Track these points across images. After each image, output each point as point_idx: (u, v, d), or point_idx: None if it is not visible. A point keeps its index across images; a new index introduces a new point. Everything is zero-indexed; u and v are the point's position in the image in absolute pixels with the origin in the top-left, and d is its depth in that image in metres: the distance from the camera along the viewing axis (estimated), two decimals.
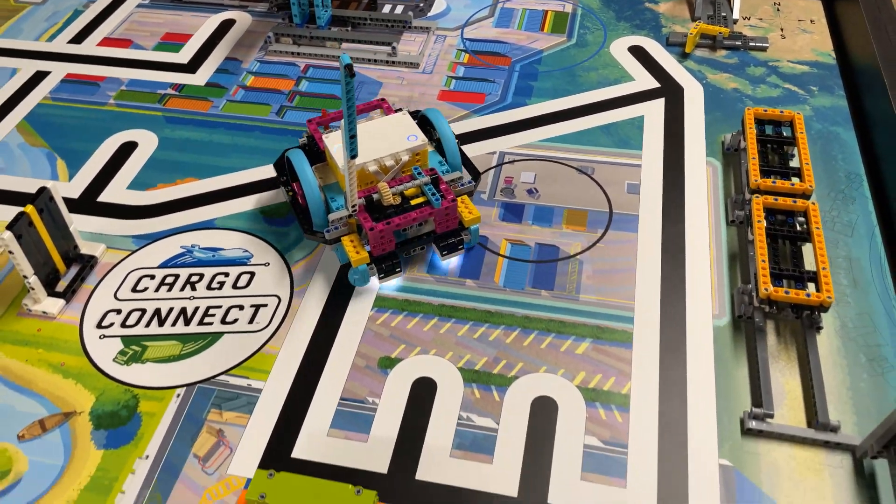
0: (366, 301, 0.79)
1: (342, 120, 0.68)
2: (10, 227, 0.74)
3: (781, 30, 1.13)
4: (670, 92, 1.03)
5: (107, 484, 0.66)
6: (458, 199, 0.81)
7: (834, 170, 0.90)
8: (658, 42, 1.12)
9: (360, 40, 1.14)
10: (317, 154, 0.85)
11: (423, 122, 0.86)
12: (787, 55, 1.08)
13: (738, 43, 1.09)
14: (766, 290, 0.70)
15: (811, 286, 0.73)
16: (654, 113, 1.00)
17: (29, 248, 0.76)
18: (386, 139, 0.81)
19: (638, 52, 1.11)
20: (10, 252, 0.74)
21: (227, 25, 1.22)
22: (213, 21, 1.23)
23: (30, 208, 0.76)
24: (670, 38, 1.11)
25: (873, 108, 0.95)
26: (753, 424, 0.66)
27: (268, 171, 0.94)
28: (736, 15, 1.14)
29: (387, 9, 1.23)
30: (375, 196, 0.77)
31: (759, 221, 0.76)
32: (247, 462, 0.66)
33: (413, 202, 0.78)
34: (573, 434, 0.67)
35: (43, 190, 0.78)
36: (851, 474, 0.63)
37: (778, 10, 1.17)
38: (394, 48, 1.11)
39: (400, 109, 0.87)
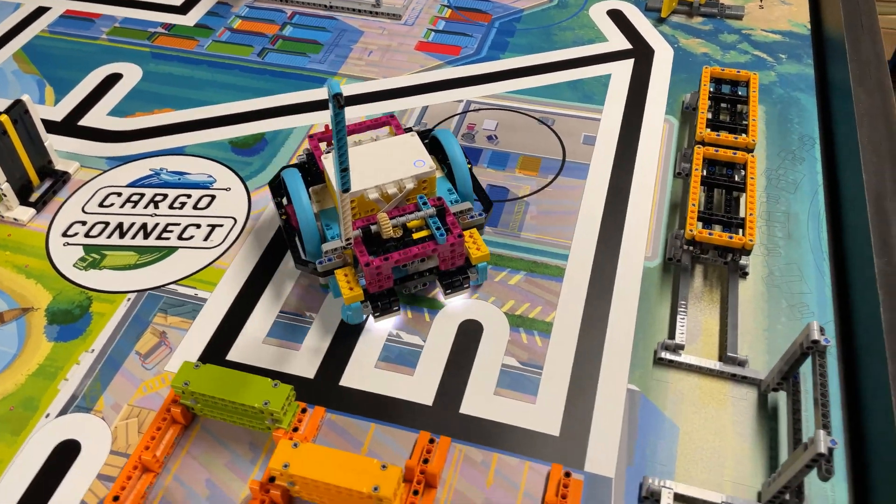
0: None
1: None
2: None
3: (761, 1, 1.14)
4: (641, 54, 1.05)
5: (52, 371, 0.70)
6: (466, 232, 0.72)
7: (788, 132, 0.92)
8: (637, 7, 1.14)
9: None
10: (316, 175, 0.77)
11: (434, 144, 0.78)
12: (762, 24, 1.09)
13: (715, 10, 1.11)
14: (692, 231, 0.73)
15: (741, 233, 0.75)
16: (621, 72, 1.02)
17: (2, 155, 0.81)
18: (391, 163, 0.72)
19: (616, 16, 1.13)
20: None
21: None
22: None
23: (3, 117, 0.80)
24: (648, 4, 1.13)
25: (834, 76, 0.97)
26: (664, 355, 0.68)
27: (240, 106, 0.98)
28: None
29: None
30: (374, 227, 0.68)
31: (696, 170, 0.79)
32: (181, 359, 0.70)
33: (415, 235, 0.69)
34: (493, 354, 0.70)
35: (18, 102, 0.82)
36: (754, 405, 0.66)
37: None
38: None
39: (410, 130, 0.80)
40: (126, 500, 0.60)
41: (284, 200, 0.77)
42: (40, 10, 1.18)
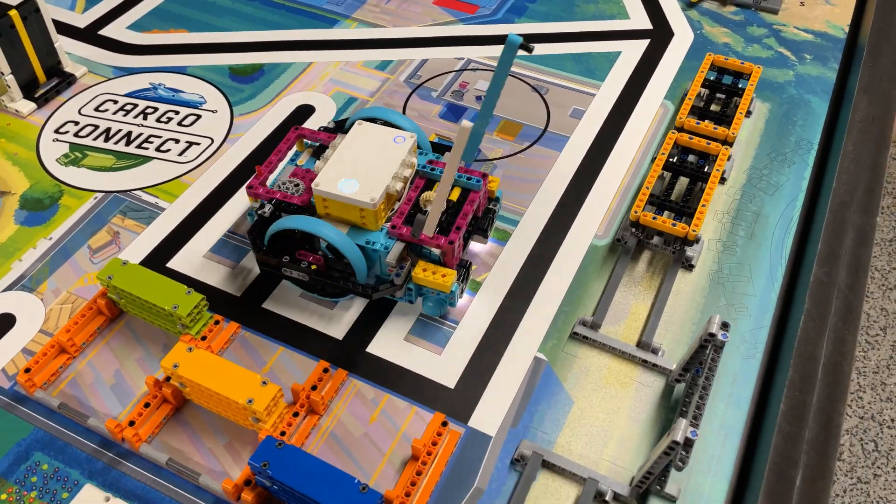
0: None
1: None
2: None
3: None
4: (659, 36, 1.02)
5: (11, 251, 0.75)
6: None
7: (787, 133, 0.87)
8: None
9: None
10: (286, 209, 0.69)
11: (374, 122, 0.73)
12: (797, 21, 1.04)
13: (750, 1, 1.06)
14: (636, 212, 0.71)
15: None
16: (632, 51, 0.99)
17: (8, 48, 0.86)
18: (378, 156, 0.67)
19: None
20: None
21: None
22: None
23: (13, 12, 0.85)
24: None
25: (850, 82, 0.91)
26: (579, 329, 0.67)
27: (249, 36, 1.01)
28: None
29: None
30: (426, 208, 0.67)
31: (662, 154, 0.76)
32: (129, 259, 0.74)
33: (451, 197, 0.68)
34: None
35: (29, 0, 0.87)
36: (657, 394, 0.64)
37: None
38: None
39: (328, 129, 0.75)
40: (36, 374, 0.64)
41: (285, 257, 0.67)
42: None
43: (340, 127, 0.76)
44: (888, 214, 2.05)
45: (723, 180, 0.81)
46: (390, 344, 0.68)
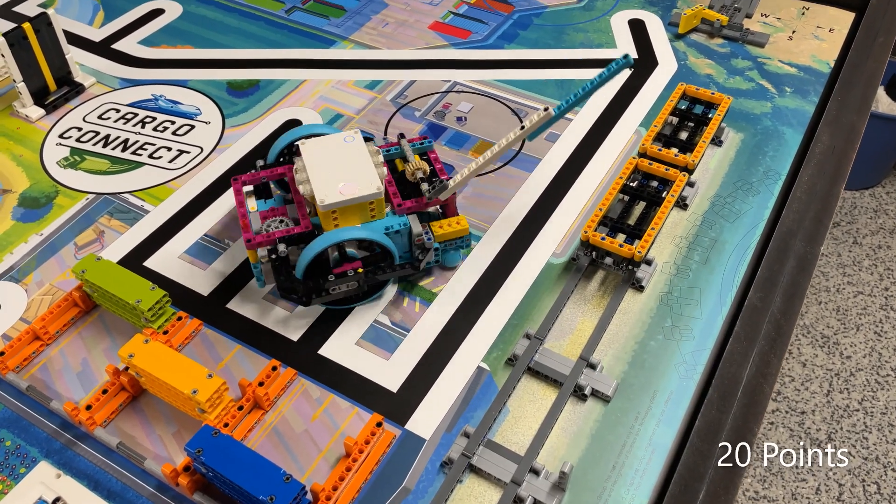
0: None
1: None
2: (4, 34, 0.90)
3: (793, 32, 1.09)
4: (643, 65, 1.04)
5: (4, 245, 0.81)
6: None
7: (756, 164, 0.89)
8: (662, 20, 1.13)
9: None
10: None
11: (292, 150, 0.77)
12: (783, 55, 1.05)
13: (738, 34, 1.07)
14: (586, 232, 0.73)
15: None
16: (614, 79, 1.01)
17: (21, 57, 0.93)
18: (347, 156, 0.71)
19: (636, 25, 1.12)
20: (0, 55, 0.90)
21: None
22: None
23: (26, 24, 0.92)
24: (672, 18, 1.11)
25: (820, 114, 0.92)
26: (522, 342, 0.70)
27: (249, 53, 1.07)
28: (752, 10, 1.12)
29: None
30: (417, 175, 0.73)
31: (620, 177, 0.78)
32: (108, 258, 0.79)
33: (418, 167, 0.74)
34: (371, 309, 0.74)
35: (42, 14, 0.94)
36: (588, 409, 0.66)
37: (803, 13, 1.13)
38: None
39: (287, 162, 0.77)
40: (10, 358, 0.69)
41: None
42: None
43: (277, 162, 0.77)
44: None
45: (685, 206, 0.83)
46: (342, 347, 0.71)
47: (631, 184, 0.81)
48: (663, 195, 0.79)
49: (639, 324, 0.73)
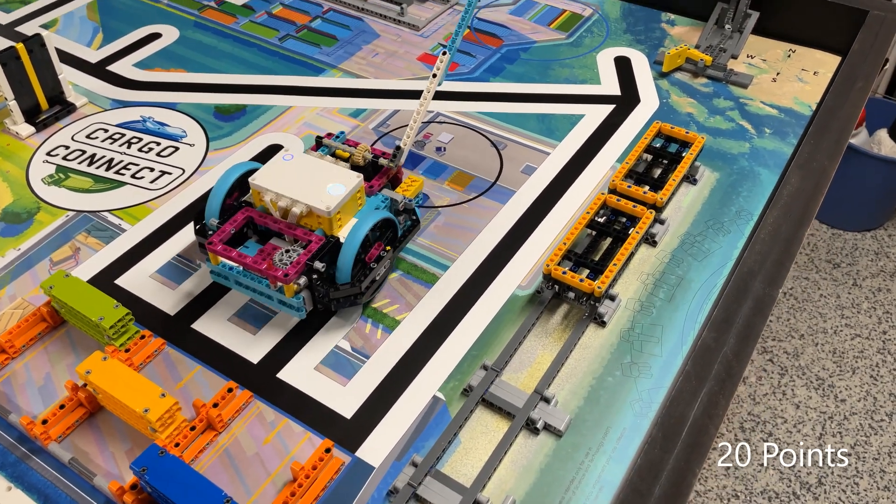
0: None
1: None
2: None
3: (778, 73, 1.10)
4: (625, 102, 1.05)
5: None
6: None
7: (729, 203, 0.89)
8: (648, 58, 1.14)
9: None
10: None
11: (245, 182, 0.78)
12: (765, 97, 1.06)
13: (721, 74, 1.08)
14: (548, 266, 0.74)
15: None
16: (595, 115, 1.03)
17: (13, 77, 0.95)
18: (309, 167, 0.76)
19: (622, 63, 1.13)
20: None
21: None
22: None
23: (19, 45, 0.95)
24: (658, 57, 1.13)
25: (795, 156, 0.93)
26: (479, 373, 0.70)
27: (239, 79, 1.09)
28: (738, 51, 1.13)
29: None
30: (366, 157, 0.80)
31: (586, 213, 0.79)
32: (81, 275, 0.80)
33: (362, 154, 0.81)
34: (334, 334, 0.75)
35: (36, 35, 0.96)
36: (539, 443, 0.66)
37: (789, 56, 1.14)
38: (402, 8, 1.22)
39: (243, 201, 0.78)
40: None
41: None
42: None
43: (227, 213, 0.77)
44: None
45: (654, 243, 0.83)
46: (300, 372, 0.72)
47: (598, 219, 0.81)
48: (629, 231, 0.79)
49: (598, 359, 0.73)
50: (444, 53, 0.81)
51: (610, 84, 1.09)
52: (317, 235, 0.72)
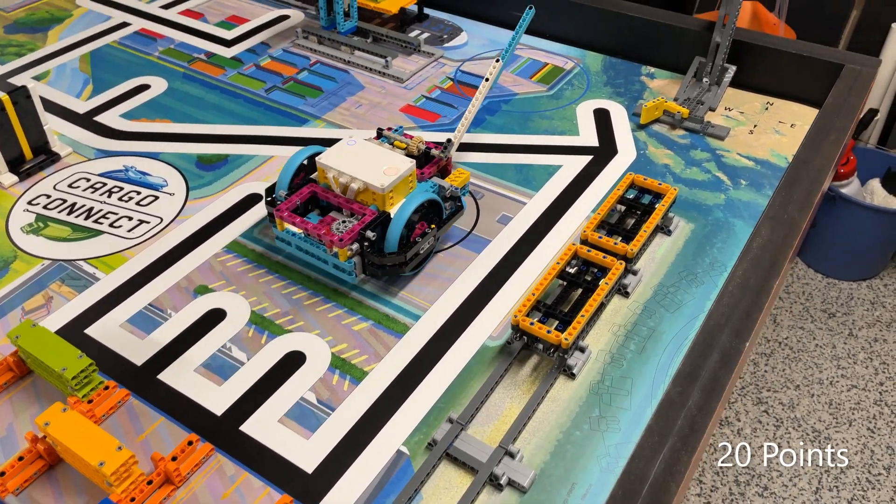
0: (221, 241, 0.91)
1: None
2: None
3: (755, 126, 1.11)
4: (602, 153, 1.06)
5: None
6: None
7: (703, 255, 0.89)
8: (627, 110, 1.15)
9: (365, 49, 1.28)
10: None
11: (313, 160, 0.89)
12: (741, 149, 1.07)
13: (698, 127, 1.10)
14: (516, 316, 0.73)
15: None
16: (573, 166, 1.04)
17: None
18: (367, 150, 0.85)
19: (600, 114, 1.15)
20: None
21: (281, 19, 1.42)
22: (272, 14, 1.44)
23: (4, 97, 0.97)
24: (636, 109, 1.14)
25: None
26: (444, 426, 0.69)
27: (223, 129, 1.10)
28: (715, 104, 1.15)
29: (414, 33, 1.37)
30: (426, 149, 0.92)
31: (557, 263, 0.79)
32: (52, 324, 0.80)
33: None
34: (299, 386, 0.74)
35: (21, 87, 0.98)
36: (503, 499, 0.65)
37: (766, 108, 1.15)
38: (387, 62, 1.24)
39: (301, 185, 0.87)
40: None
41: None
42: (123, 25, 1.39)
43: (294, 186, 0.87)
44: None
45: (627, 294, 0.83)
46: (264, 424, 0.71)
47: (569, 269, 0.81)
48: (600, 282, 0.79)
49: (566, 412, 0.72)
50: (498, 62, 0.93)
51: (588, 135, 1.10)
52: (371, 210, 0.81)
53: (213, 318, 0.82)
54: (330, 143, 1.08)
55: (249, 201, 0.97)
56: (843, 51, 1.15)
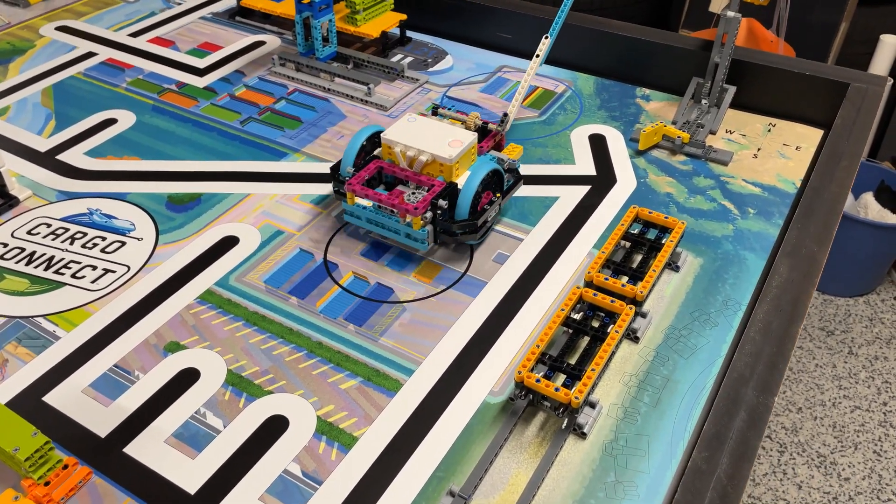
0: (194, 291, 0.84)
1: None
2: None
3: (759, 149, 1.06)
4: (601, 183, 1.00)
5: None
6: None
7: (715, 292, 0.83)
8: (623, 135, 1.10)
9: (346, 76, 1.22)
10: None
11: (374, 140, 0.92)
12: (746, 174, 1.01)
13: (700, 151, 1.04)
14: (520, 372, 0.67)
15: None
16: (570, 197, 0.98)
17: None
18: (428, 125, 0.89)
19: (597, 140, 1.09)
20: None
21: (257, 45, 1.35)
22: (247, 40, 1.37)
23: None
24: (633, 134, 1.08)
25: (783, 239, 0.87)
26: (445, 500, 0.62)
27: (194, 165, 1.03)
28: (716, 127, 1.09)
29: (397, 57, 1.31)
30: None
31: (561, 309, 0.73)
32: (6, 391, 0.73)
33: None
34: (282, 457, 0.67)
35: None
36: None
37: (769, 130, 1.10)
38: (369, 89, 1.18)
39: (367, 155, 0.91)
40: None
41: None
42: (89, 55, 1.32)
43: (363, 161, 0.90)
44: None
45: (636, 339, 0.76)
46: (243, 502, 0.63)
47: (574, 316, 0.75)
48: (608, 329, 0.72)
49: (578, 477, 0.65)
50: (546, 38, 0.98)
51: (585, 163, 1.04)
52: (438, 181, 0.84)
53: (186, 379, 0.74)
54: (313, 177, 1.02)
55: (224, 245, 0.90)
56: (847, 69, 1.10)
